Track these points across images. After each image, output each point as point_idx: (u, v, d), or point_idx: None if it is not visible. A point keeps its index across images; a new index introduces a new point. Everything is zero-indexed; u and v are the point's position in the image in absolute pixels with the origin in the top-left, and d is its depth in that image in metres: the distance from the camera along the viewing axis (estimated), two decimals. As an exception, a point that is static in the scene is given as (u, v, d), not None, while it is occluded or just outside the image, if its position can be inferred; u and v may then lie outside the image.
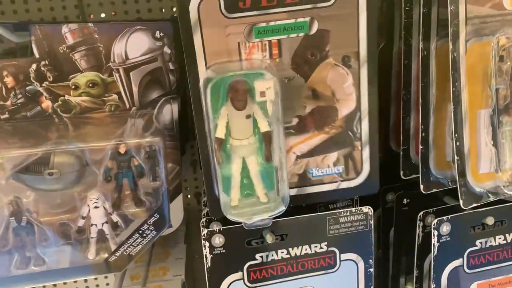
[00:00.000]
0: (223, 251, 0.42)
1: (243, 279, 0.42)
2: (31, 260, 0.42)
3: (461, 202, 0.38)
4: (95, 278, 0.71)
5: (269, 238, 0.41)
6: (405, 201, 0.48)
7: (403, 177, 0.45)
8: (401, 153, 0.44)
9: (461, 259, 0.44)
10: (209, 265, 0.41)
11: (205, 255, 0.41)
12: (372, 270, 0.44)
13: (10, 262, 0.42)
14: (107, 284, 0.72)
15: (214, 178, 0.39)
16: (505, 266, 0.45)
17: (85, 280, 0.71)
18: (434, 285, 0.44)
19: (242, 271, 0.42)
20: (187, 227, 0.64)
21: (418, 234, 0.44)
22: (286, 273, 0.43)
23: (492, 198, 0.39)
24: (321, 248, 0.43)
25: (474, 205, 0.39)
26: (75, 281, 0.71)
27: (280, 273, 0.43)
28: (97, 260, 0.44)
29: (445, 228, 0.42)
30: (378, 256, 0.53)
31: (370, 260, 0.44)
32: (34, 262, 0.42)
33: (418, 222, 0.44)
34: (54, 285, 0.70)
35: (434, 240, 0.42)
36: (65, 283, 0.69)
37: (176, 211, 0.45)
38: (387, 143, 0.49)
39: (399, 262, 0.51)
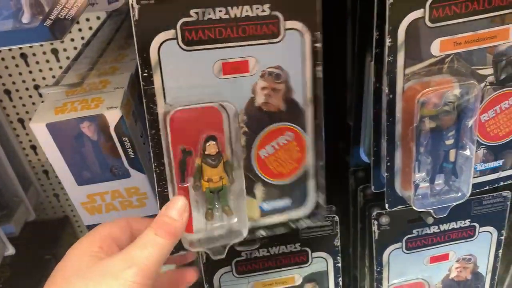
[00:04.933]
0: (152, 1, 0.37)
1: (176, 39, 0.38)
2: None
3: None
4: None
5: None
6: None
7: None
8: None
9: (422, 10, 0.39)
10: (136, 18, 0.38)
11: (132, 5, 0.38)
12: (319, 45, 0.40)
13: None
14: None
15: None
16: (473, 20, 0.40)
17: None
18: (390, 39, 0.40)
19: (176, 28, 0.38)
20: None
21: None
22: (225, 37, 0.39)
23: None
24: (263, 11, 0.39)
25: None
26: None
27: (219, 36, 0.39)
28: (34, 25, 0.42)
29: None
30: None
31: (317, 33, 0.40)
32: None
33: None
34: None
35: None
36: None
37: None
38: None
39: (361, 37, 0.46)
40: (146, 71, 0.39)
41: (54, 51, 0.77)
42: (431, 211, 0.47)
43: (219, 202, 0.42)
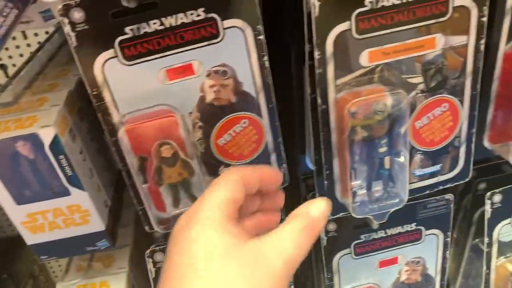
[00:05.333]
0: (86, 27, 0.38)
1: (116, 56, 0.40)
2: None
3: None
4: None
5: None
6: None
7: None
8: None
9: (348, 22, 0.40)
10: (75, 44, 0.38)
11: (68, 33, 0.38)
12: (262, 38, 0.41)
13: None
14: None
15: None
16: (399, 30, 0.41)
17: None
18: (319, 52, 0.40)
19: (114, 47, 0.39)
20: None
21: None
22: (164, 46, 0.40)
23: None
24: (198, 15, 0.39)
25: None
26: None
27: (158, 47, 0.40)
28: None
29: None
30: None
31: (259, 26, 0.40)
32: None
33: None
34: None
35: (313, -2, 0.38)
36: None
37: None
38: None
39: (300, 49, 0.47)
40: (95, 89, 0.40)
41: (3, 67, 0.76)
42: (371, 217, 0.48)
43: (184, 192, 0.45)
